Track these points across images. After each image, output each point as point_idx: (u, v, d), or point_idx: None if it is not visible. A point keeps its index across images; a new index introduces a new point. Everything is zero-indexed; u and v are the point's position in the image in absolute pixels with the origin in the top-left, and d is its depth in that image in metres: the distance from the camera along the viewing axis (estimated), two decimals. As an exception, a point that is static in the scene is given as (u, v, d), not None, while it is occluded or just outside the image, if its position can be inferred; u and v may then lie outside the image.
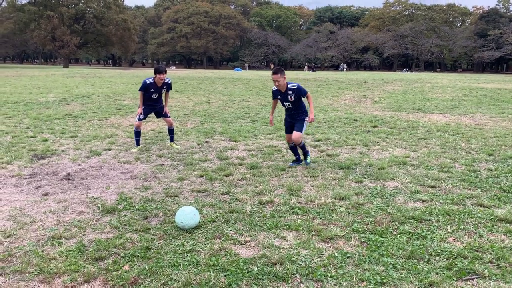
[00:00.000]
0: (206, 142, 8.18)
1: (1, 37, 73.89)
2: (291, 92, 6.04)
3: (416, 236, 3.88)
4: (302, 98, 6.14)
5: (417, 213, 4.39)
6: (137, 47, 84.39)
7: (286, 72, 6.42)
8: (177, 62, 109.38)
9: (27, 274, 3.19)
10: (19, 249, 3.59)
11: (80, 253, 3.52)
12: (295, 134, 6.08)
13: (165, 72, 7.36)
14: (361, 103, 15.45)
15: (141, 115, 7.50)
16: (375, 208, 4.57)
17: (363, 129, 9.67)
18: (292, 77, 33.40)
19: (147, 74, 36.67)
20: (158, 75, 7.25)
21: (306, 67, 64.28)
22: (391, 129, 9.66)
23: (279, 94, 6.22)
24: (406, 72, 59.03)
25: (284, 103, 6.17)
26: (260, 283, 3.05)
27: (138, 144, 7.58)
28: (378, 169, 6.09)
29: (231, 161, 6.64)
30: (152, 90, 7.40)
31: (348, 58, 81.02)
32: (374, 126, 9.99)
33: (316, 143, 8.04)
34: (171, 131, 7.80)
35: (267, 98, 17.09)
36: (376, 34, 79.66)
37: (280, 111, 9.98)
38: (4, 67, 57.88)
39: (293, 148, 6.41)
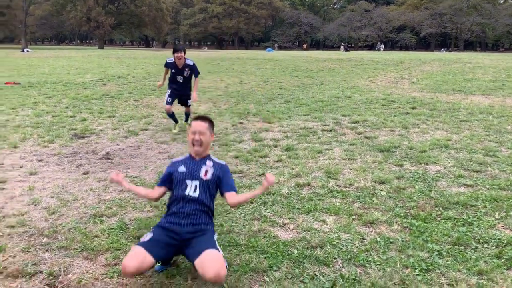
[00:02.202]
0: (240, 123, 8.14)
1: (39, 19, 75.72)
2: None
3: (462, 222, 3.73)
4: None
5: (462, 198, 4.22)
6: (169, 28, 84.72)
7: (318, 51, 6.19)
8: (208, 43, 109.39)
9: (71, 251, 3.27)
10: (63, 226, 3.68)
11: (121, 231, 3.57)
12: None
13: (184, 52, 7.09)
14: (398, 84, 15.00)
15: (168, 99, 7.38)
16: (417, 192, 4.43)
17: (402, 110, 9.38)
18: (325, 57, 32.83)
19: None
20: (175, 54, 7.05)
21: (342, 47, 62.87)
22: (431, 111, 9.33)
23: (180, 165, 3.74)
24: (444, 52, 56.86)
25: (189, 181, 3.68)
26: (301, 266, 3.01)
27: (176, 121, 7.57)
28: (419, 152, 5.90)
29: (266, 143, 6.58)
30: (174, 71, 7.23)
31: (383, 38, 78.71)
32: (413, 108, 9.67)
33: (353, 125, 7.85)
34: (187, 115, 7.84)
35: (300, 79, 16.86)
36: (412, 13, 76.77)
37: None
38: (43, 48, 59.47)
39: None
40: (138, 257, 2.63)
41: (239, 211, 3.96)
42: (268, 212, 3.95)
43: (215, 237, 2.92)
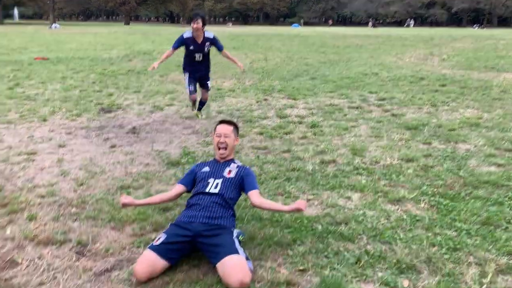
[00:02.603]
0: (265, 99, 8.08)
1: (66, -5, 76.51)
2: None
3: (492, 202, 3.63)
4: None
5: (493, 177, 4.10)
6: (194, 3, 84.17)
7: (346, 28, 5.99)
8: (233, 19, 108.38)
9: (99, 221, 3.34)
10: (92, 197, 3.76)
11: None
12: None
13: (203, 20, 5.85)
14: (427, 61, 14.57)
15: (190, 87, 6.28)
16: (446, 171, 4.33)
17: (431, 88, 9.12)
18: (352, 33, 32.09)
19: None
20: (192, 24, 5.85)
21: (370, 23, 61.30)
22: (462, 88, 9.04)
23: (204, 166, 3.43)
24: (476, 28, 54.81)
25: (211, 179, 3.25)
26: (325, 241, 3.00)
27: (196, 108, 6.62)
28: (448, 130, 5.74)
29: (290, 119, 6.53)
30: (192, 48, 6.00)
31: (412, 14, 76.31)
32: (443, 85, 9.39)
33: (380, 102, 7.69)
34: (202, 103, 6.67)
35: (327, 55, 16.57)
36: (445, -13, 73.97)
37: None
38: (70, 24, 60.23)
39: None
40: (148, 262, 2.59)
41: (262, 186, 3.96)
42: (292, 188, 3.94)
43: (235, 234, 2.82)
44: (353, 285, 2.50)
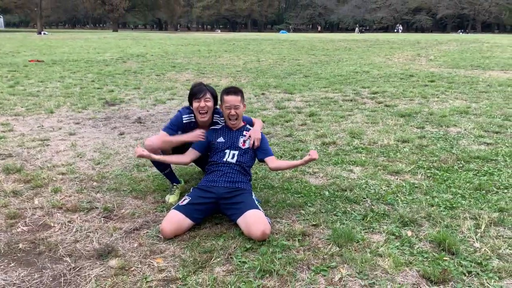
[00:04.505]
0: (263, 94, 8.36)
1: (53, 2, 76.18)
2: (246, 134, 3.34)
3: (483, 173, 3.95)
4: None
5: (483, 153, 4.42)
6: (182, 10, 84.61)
7: (334, 34, 6.23)
8: (221, 26, 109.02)
9: (121, 192, 3.57)
10: (110, 173, 3.99)
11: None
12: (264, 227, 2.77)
13: (212, 96, 3.35)
14: (415, 61, 15.02)
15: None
16: (439, 149, 4.64)
17: (420, 83, 9.50)
18: (340, 38, 32.64)
19: (194, 37, 36.98)
20: (195, 103, 3.30)
21: (356, 29, 62.26)
22: (450, 83, 9.43)
23: (219, 136, 3.34)
24: (461, 33, 56.00)
25: (228, 150, 3.25)
26: (333, 203, 3.27)
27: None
28: (440, 117, 6.08)
29: (289, 110, 6.81)
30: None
31: (398, 20, 77.61)
32: (432, 81, 9.78)
33: (373, 95, 8.03)
34: None
35: (317, 56, 16.95)
36: (429, -6, 75.42)
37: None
38: (57, 31, 60.02)
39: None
40: (176, 220, 2.82)
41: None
42: (298, 164, 4.20)
43: (254, 196, 3.07)
44: (362, 234, 2.77)
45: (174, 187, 3.49)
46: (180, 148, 3.44)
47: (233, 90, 3.28)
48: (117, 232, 2.91)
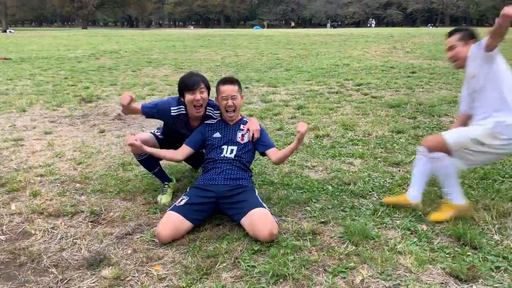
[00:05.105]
0: (246, 88, 8.12)
1: (19, 0, 73.58)
2: (243, 128, 3.08)
3: (484, 161, 3.83)
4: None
5: (480, 142, 4.31)
6: (153, 7, 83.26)
7: (308, 29, 6.06)
8: (193, 22, 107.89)
9: (107, 193, 3.28)
10: (94, 174, 3.69)
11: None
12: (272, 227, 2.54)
13: (206, 87, 3.03)
14: (393, 54, 15.05)
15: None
16: (436, 139, 4.51)
17: (402, 74, 9.45)
18: (315, 32, 32.67)
19: (168, 33, 36.34)
20: (189, 95, 2.95)
21: (328, 24, 62.64)
22: (431, 74, 9.42)
23: (214, 131, 3.08)
24: (430, 27, 57.03)
25: (225, 146, 3.00)
26: (339, 198, 3.08)
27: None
28: (429, 107, 5.99)
29: (276, 103, 6.60)
30: (181, 130, 3.21)
31: (370, 14, 78.52)
32: (413, 72, 9.75)
33: (358, 87, 7.90)
34: None
35: (295, 50, 16.80)
36: (399, -11, 76.60)
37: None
38: (24, 29, 58.08)
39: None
40: (173, 223, 2.55)
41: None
42: (294, 158, 4.00)
43: (257, 193, 2.82)
44: (376, 231, 2.59)
45: (166, 186, 3.22)
46: (174, 145, 3.19)
47: (230, 80, 3.04)
48: (108, 237, 2.64)
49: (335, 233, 2.58)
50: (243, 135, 3.04)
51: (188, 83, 2.97)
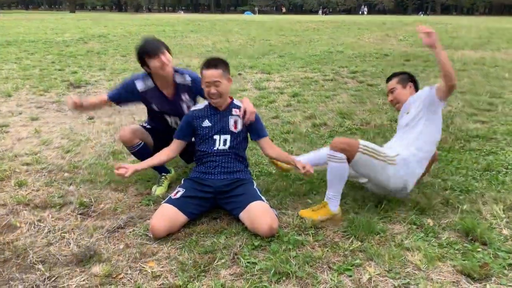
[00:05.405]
0: (239, 74, 7.94)
1: (4, -19, 71.78)
2: (236, 113, 2.80)
3: (486, 152, 3.74)
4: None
5: (481, 132, 4.24)
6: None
7: (298, 16, 5.89)
8: (183, 7, 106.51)
9: (98, 183, 3.13)
10: (83, 162, 3.52)
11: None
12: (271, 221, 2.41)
13: (166, 49, 2.85)
14: (386, 41, 14.92)
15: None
16: (435, 128, 4.41)
17: (397, 62, 9.34)
18: (307, 19, 32.37)
19: (157, 18, 35.79)
20: (154, 61, 2.77)
21: (320, 11, 62.27)
22: (425, 62, 9.31)
23: (203, 119, 2.78)
24: (421, 15, 56.97)
25: (217, 136, 2.75)
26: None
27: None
28: (427, 95, 5.87)
29: (270, 90, 6.45)
30: (156, 107, 3.04)
31: (361, 1, 78.13)
32: (407, 60, 9.64)
33: (353, 74, 7.77)
34: None
35: (287, 37, 16.57)
36: (391, -25, 76.26)
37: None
38: (10, 12, 56.74)
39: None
40: (168, 216, 2.40)
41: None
42: (292, 148, 3.87)
43: (255, 186, 2.65)
44: (381, 225, 2.47)
45: (163, 177, 3.07)
46: (162, 133, 3.03)
47: (213, 63, 2.63)
48: (98, 231, 2.49)
49: (338, 228, 2.47)
50: (236, 122, 2.73)
51: (150, 48, 2.76)
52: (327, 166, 2.56)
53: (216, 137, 2.71)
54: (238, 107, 2.77)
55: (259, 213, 2.39)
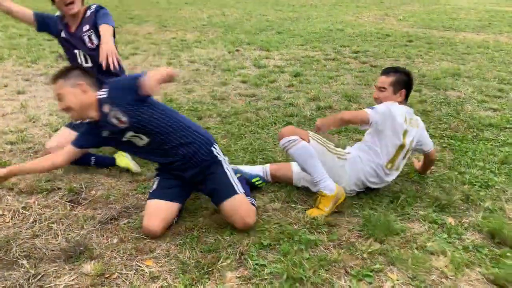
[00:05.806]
0: (237, 50, 7.62)
1: None
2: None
3: (501, 143, 3.54)
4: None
5: (494, 120, 4.03)
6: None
7: None
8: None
9: (89, 168, 2.88)
10: (73, 143, 3.25)
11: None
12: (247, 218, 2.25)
13: None
14: (385, 21, 14.57)
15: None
16: (446, 115, 4.20)
17: (399, 43, 9.04)
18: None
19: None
20: None
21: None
22: (429, 44, 9.04)
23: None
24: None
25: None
26: (352, 182, 2.75)
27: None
28: (433, 79, 5.65)
29: (270, 69, 6.16)
30: (63, 37, 3.03)
31: (358, -21, 76.72)
32: (410, 41, 9.34)
33: (355, 54, 7.49)
34: None
35: (284, 12, 16.13)
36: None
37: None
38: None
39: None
40: (158, 212, 2.17)
41: (264, 131, 3.64)
42: (296, 132, 3.64)
43: (226, 165, 2.29)
44: (399, 224, 2.28)
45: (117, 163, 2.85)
46: None
47: (56, 77, 2.22)
48: (89, 222, 2.27)
49: (353, 226, 2.27)
50: (119, 120, 2.15)
51: None
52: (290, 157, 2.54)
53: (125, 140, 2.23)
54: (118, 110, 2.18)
55: (234, 208, 2.18)
